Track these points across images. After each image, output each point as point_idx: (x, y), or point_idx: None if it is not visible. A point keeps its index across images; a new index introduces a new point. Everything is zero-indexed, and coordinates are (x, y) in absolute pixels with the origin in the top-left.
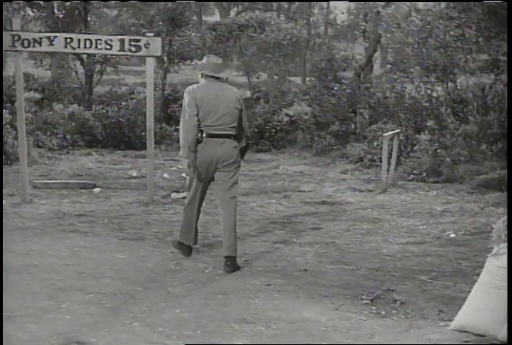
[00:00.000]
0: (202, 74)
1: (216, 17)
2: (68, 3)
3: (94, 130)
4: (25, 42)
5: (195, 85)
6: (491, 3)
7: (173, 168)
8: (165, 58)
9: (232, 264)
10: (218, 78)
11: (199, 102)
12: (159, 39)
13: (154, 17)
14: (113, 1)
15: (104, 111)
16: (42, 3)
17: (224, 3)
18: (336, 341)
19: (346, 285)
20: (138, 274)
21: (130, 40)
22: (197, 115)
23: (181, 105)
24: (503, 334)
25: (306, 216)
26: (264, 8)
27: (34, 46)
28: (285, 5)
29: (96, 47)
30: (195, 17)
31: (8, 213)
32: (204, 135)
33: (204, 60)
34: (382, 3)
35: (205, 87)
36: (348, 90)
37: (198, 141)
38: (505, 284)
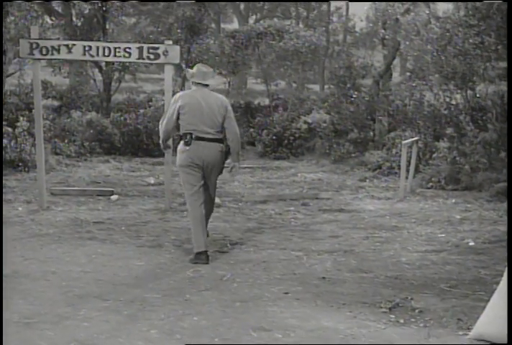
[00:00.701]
0: (192, 82)
1: (234, 25)
2: (87, 11)
3: (112, 137)
4: (43, 49)
5: (182, 92)
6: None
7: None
8: (184, 66)
9: (207, 258)
10: (206, 86)
11: (181, 107)
12: (177, 47)
13: (172, 25)
14: (131, 9)
15: (122, 118)
16: (60, 10)
17: (242, 11)
18: None
19: (364, 293)
20: (156, 281)
21: (148, 48)
22: (177, 119)
23: None
24: None
25: (325, 224)
26: (283, 16)
27: (52, 54)
28: (303, 13)
29: (115, 55)
30: (213, 25)
31: (26, 220)
32: (193, 138)
33: (194, 69)
34: (401, 10)
35: (191, 94)
36: (367, 98)
37: (187, 144)
38: None
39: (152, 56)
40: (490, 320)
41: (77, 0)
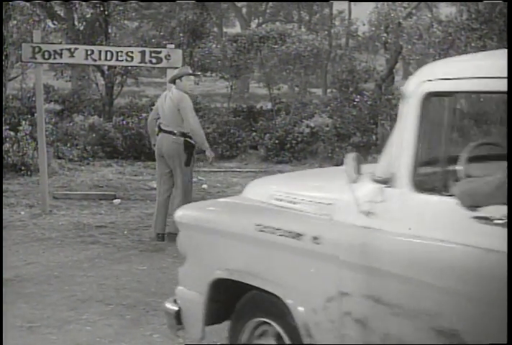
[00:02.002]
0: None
1: (236, 29)
2: (89, 15)
3: (114, 141)
4: (46, 53)
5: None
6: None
7: (194, 179)
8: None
9: (163, 238)
10: (174, 84)
11: (157, 105)
12: (179, 51)
13: (174, 29)
14: (134, 13)
15: (125, 122)
16: (62, 14)
17: (244, 15)
18: None
19: None
20: (158, 285)
21: (151, 52)
22: (157, 115)
23: (201, 116)
24: None
25: None
26: (285, 20)
27: (54, 58)
28: (306, 16)
29: (117, 59)
30: (215, 29)
31: (28, 224)
32: (160, 130)
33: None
34: (404, 14)
35: (164, 93)
36: (369, 102)
37: (158, 135)
38: None
39: (154, 60)
40: None
41: (79, 0)
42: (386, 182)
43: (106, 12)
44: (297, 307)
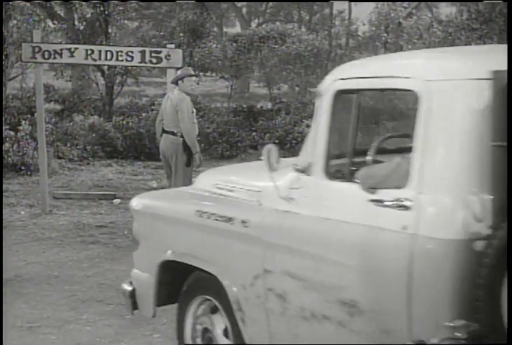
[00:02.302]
0: None
1: (236, 29)
2: (89, 15)
3: (114, 141)
4: (46, 53)
5: None
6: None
7: (193, 179)
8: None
9: None
10: (177, 86)
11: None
12: (180, 51)
13: (175, 29)
14: (134, 13)
15: (125, 122)
16: (62, 14)
17: (244, 15)
18: None
19: None
20: None
21: (151, 52)
22: (162, 116)
23: (201, 116)
24: None
25: None
26: (285, 20)
27: (54, 57)
28: (306, 16)
29: (117, 59)
30: (215, 29)
31: (28, 224)
32: (163, 131)
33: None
34: (404, 14)
35: (167, 95)
36: (370, 102)
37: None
38: None
39: (154, 60)
40: None
41: (79, 0)
42: (304, 171)
43: (106, 12)
44: (229, 285)
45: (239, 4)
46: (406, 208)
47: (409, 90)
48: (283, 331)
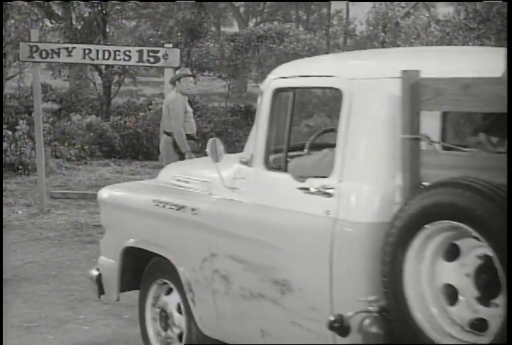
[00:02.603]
0: None
1: (234, 28)
2: (87, 14)
3: (112, 141)
4: (43, 52)
5: None
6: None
7: None
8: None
9: None
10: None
11: None
12: (177, 50)
13: (172, 28)
14: (131, 13)
15: (122, 121)
16: (60, 14)
17: (242, 14)
18: None
19: None
20: None
21: (148, 51)
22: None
23: (199, 116)
24: None
25: None
26: (283, 19)
27: (52, 57)
28: (303, 16)
29: (115, 58)
30: (213, 28)
31: (26, 224)
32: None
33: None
34: (402, 14)
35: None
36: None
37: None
38: None
39: (152, 59)
40: None
41: (78, 0)
42: (247, 163)
43: (104, 11)
44: (181, 268)
45: (236, 4)
46: (329, 195)
47: (334, 88)
48: (227, 310)
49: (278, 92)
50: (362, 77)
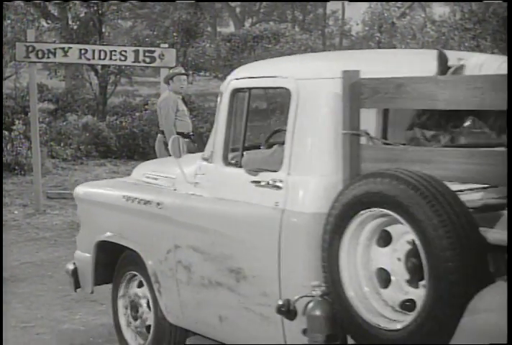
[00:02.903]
0: None
1: (230, 28)
2: (83, 14)
3: (108, 141)
4: (39, 53)
5: None
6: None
7: None
8: (182, 69)
9: None
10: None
11: None
12: (173, 51)
13: (168, 28)
14: (127, 13)
15: (118, 121)
16: (56, 14)
17: (238, 14)
18: None
19: None
20: None
21: (144, 51)
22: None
23: (195, 116)
24: None
25: None
26: (279, 20)
27: (48, 57)
28: (299, 16)
29: (111, 58)
30: (209, 28)
31: (22, 224)
32: None
33: None
34: (397, 14)
35: None
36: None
37: None
38: None
39: (148, 59)
40: None
41: (75, 0)
42: (208, 159)
43: (100, 11)
44: (148, 260)
45: (232, 4)
46: (278, 187)
47: (284, 88)
48: (189, 298)
49: (236, 92)
50: (308, 77)
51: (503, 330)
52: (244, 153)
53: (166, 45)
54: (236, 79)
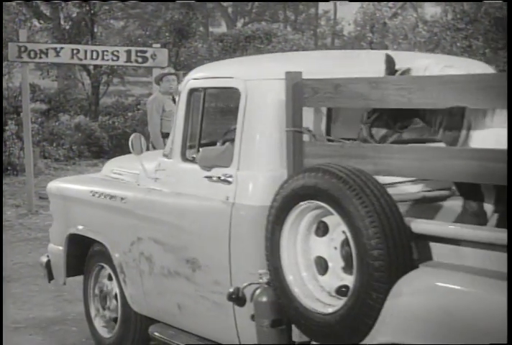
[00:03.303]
0: None
1: (222, 28)
2: (75, 14)
3: (100, 141)
4: (32, 53)
5: None
6: (499, 15)
7: None
8: (172, 69)
9: None
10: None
11: None
12: (165, 51)
13: (160, 28)
14: (120, 13)
15: (111, 121)
16: (48, 14)
17: (230, 14)
18: None
19: None
20: None
21: (137, 51)
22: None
23: None
24: None
25: None
26: (271, 20)
27: (40, 57)
28: (291, 16)
29: (103, 58)
30: (201, 28)
31: (15, 224)
32: None
33: None
34: (389, 14)
35: None
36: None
37: None
38: None
39: (140, 59)
40: None
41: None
42: (168, 155)
43: (92, 11)
44: (114, 252)
45: (224, 4)
46: (229, 182)
47: (234, 88)
48: (151, 288)
49: (192, 92)
50: (255, 78)
51: (426, 310)
52: (200, 149)
53: (158, 45)
54: (193, 79)
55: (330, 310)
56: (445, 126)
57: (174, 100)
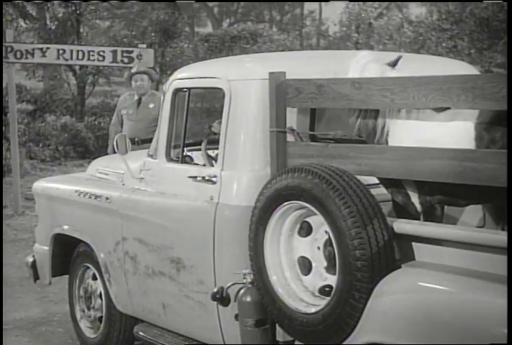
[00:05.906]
0: None
1: (208, 28)
2: (61, 14)
3: (86, 141)
4: (18, 53)
5: None
6: (484, 15)
7: None
8: (158, 69)
9: None
10: None
11: None
12: (151, 51)
13: (146, 28)
14: (105, 13)
15: (97, 122)
16: (34, 14)
17: (216, 14)
18: None
19: None
20: None
21: (122, 51)
22: None
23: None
24: None
25: None
26: (256, 20)
27: (26, 57)
28: (277, 16)
29: (89, 59)
30: (187, 28)
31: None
32: None
33: None
34: (375, 14)
35: None
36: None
37: None
38: None
39: (126, 59)
40: None
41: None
42: (152, 156)
43: (78, 11)
44: (99, 252)
45: (210, 4)
46: (213, 182)
47: (218, 88)
48: (136, 287)
49: (177, 92)
50: (239, 78)
51: (409, 310)
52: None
53: (144, 45)
54: (178, 79)
55: (313, 309)
56: (360, 122)
57: (140, 100)
